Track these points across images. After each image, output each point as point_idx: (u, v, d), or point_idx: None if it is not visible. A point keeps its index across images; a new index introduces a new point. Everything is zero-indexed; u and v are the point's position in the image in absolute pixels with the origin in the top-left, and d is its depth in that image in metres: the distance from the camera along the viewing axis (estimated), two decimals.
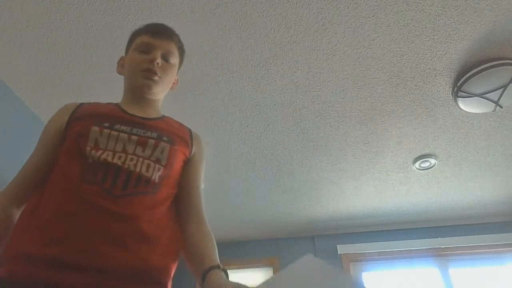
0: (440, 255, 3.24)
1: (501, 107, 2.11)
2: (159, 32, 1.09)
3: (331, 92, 2.17)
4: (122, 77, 2.12)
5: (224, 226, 3.55)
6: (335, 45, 1.91)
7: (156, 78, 1.05)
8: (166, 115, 1.17)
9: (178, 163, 1.00)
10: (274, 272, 3.51)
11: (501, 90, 2.00)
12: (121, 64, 1.16)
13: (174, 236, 0.95)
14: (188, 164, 1.06)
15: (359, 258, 3.39)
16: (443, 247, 3.23)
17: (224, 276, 0.83)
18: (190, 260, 0.93)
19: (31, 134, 2.30)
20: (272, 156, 2.67)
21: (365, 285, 0.65)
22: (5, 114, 2.12)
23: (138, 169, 0.90)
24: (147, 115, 1.06)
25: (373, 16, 1.77)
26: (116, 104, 1.08)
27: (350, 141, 2.53)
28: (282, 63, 2.01)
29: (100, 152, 0.89)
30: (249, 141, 2.54)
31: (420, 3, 1.71)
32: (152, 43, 1.07)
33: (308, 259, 0.70)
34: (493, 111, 2.16)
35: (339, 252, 3.38)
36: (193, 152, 1.08)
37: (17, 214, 0.93)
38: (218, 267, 0.85)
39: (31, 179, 0.96)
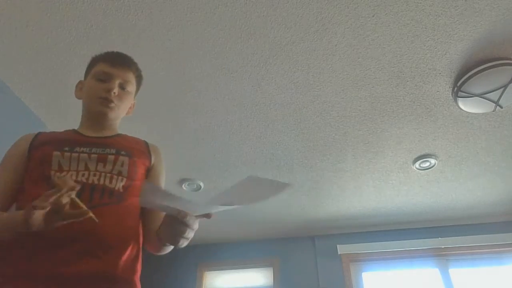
0: (440, 255, 3.24)
1: (501, 107, 2.11)
2: (117, 62, 1.15)
3: (331, 92, 2.17)
4: None
5: (224, 226, 3.54)
6: (335, 45, 1.91)
7: (112, 105, 1.11)
8: (122, 132, 1.23)
9: (140, 173, 1.08)
10: (274, 272, 3.51)
11: (501, 90, 2.00)
12: (79, 88, 1.21)
13: (138, 240, 1.02)
14: (150, 173, 1.14)
15: (359, 258, 3.39)
16: (443, 247, 3.23)
17: None
18: (163, 240, 0.98)
19: None
20: (272, 156, 2.67)
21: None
22: (5, 114, 2.12)
23: (102, 182, 0.97)
24: (104, 135, 1.14)
25: (373, 16, 1.77)
26: (73, 130, 1.15)
27: (350, 141, 2.53)
28: (282, 63, 2.01)
29: (64, 173, 0.96)
30: (249, 141, 2.54)
31: (420, 3, 1.71)
32: (110, 73, 1.13)
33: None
34: (493, 111, 2.16)
35: (339, 252, 3.37)
36: (152, 162, 1.16)
37: None
38: None
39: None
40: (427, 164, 2.68)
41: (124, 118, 1.25)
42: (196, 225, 0.88)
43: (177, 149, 2.59)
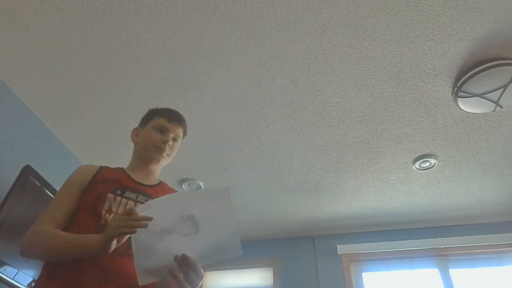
0: (440, 255, 3.24)
1: (501, 107, 2.11)
2: (174, 119, 1.40)
3: (331, 92, 2.17)
4: (122, 77, 2.13)
5: None
6: (335, 45, 1.91)
7: (164, 155, 1.35)
8: (163, 181, 1.41)
9: None
10: (274, 272, 3.50)
11: (501, 90, 2.00)
12: (135, 134, 1.43)
13: None
14: None
15: (359, 258, 3.39)
16: (443, 247, 3.23)
17: None
18: None
19: (31, 134, 2.30)
20: (272, 156, 2.67)
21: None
22: (5, 114, 2.12)
23: None
24: (149, 182, 1.32)
25: (373, 16, 1.77)
26: (123, 170, 1.34)
27: (350, 141, 2.53)
28: (282, 63, 2.01)
29: (112, 215, 1.13)
30: (249, 141, 2.54)
31: (420, 3, 1.71)
32: (167, 127, 1.37)
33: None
34: (493, 111, 2.16)
35: (339, 252, 3.37)
36: None
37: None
38: None
39: (60, 225, 1.15)
40: (427, 164, 2.68)
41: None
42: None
43: (177, 149, 2.59)
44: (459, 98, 2.11)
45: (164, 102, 2.23)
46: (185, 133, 1.47)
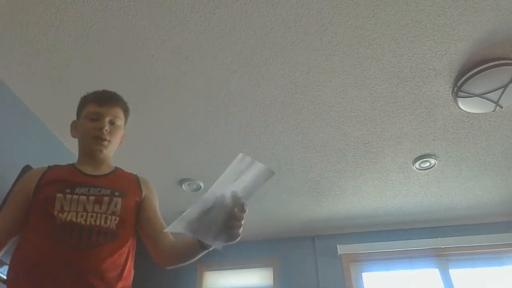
0: (440, 255, 3.24)
1: (501, 107, 2.11)
2: (105, 101, 1.29)
3: (331, 92, 2.17)
4: (121, 77, 2.13)
5: None
6: (335, 45, 1.91)
7: (105, 143, 1.26)
8: (117, 166, 1.35)
9: (130, 209, 1.22)
10: (274, 272, 3.50)
11: (501, 90, 2.00)
12: (73, 127, 1.35)
13: (130, 271, 1.18)
14: (143, 204, 1.28)
15: (359, 258, 3.38)
16: (443, 247, 3.22)
17: None
18: (180, 252, 1.17)
19: (31, 134, 2.30)
20: (272, 156, 2.67)
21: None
22: (5, 114, 2.12)
23: (98, 223, 1.11)
24: (101, 172, 1.27)
25: (373, 16, 1.77)
26: (73, 165, 1.29)
27: (350, 141, 2.53)
28: (282, 63, 2.01)
29: (65, 214, 1.10)
30: (249, 141, 2.54)
31: (420, 3, 1.71)
32: (100, 112, 1.27)
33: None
34: (493, 111, 2.16)
35: (339, 252, 3.37)
36: (143, 194, 1.30)
37: None
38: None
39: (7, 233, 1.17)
40: (427, 164, 2.68)
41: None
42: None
43: (177, 149, 2.59)
44: (459, 98, 2.11)
45: (164, 101, 2.24)
46: (126, 111, 1.37)
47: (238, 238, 0.96)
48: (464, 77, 2.01)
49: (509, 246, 3.10)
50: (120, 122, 1.32)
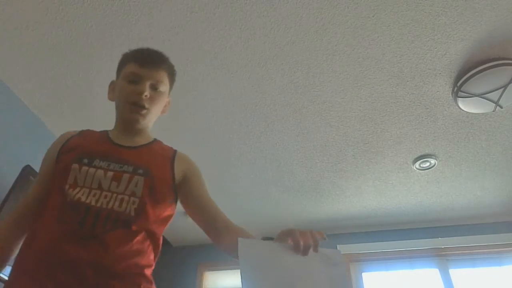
0: (440, 255, 3.24)
1: (501, 107, 2.11)
2: (147, 62, 1.10)
3: (331, 92, 2.17)
4: None
5: None
6: (335, 45, 1.91)
7: (144, 112, 1.08)
8: (157, 138, 1.19)
9: (156, 191, 1.01)
10: None
11: (501, 90, 2.00)
12: (112, 89, 1.18)
13: (147, 267, 0.97)
14: (184, 184, 1.10)
15: (359, 258, 3.38)
16: (443, 247, 3.23)
17: None
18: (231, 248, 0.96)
19: (31, 134, 2.30)
20: (272, 156, 2.67)
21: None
22: (5, 114, 2.12)
23: (110, 206, 0.92)
24: (133, 143, 1.09)
25: (373, 16, 1.77)
26: (106, 132, 1.13)
27: (350, 141, 2.53)
28: (282, 63, 2.01)
29: (77, 190, 0.93)
30: (249, 141, 2.54)
31: (420, 3, 1.71)
32: (140, 74, 1.08)
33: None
34: (493, 111, 2.16)
35: None
36: (180, 172, 1.11)
37: (18, 242, 0.99)
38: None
39: (30, 209, 1.02)
40: (427, 164, 2.68)
41: None
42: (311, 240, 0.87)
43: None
44: (459, 98, 2.11)
45: None
46: (172, 75, 1.18)
47: None
48: (464, 77, 2.01)
49: (509, 246, 3.10)
50: (163, 87, 1.13)
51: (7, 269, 0.97)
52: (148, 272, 0.96)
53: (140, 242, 0.94)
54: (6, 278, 1.82)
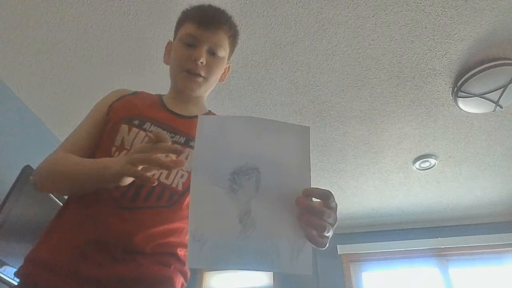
0: (440, 255, 3.24)
1: (501, 107, 2.11)
2: (205, 22, 0.97)
3: (331, 92, 2.17)
4: (122, 77, 2.12)
5: None
6: (335, 45, 1.91)
7: (199, 80, 0.98)
8: (212, 110, 1.10)
9: None
10: (274, 272, 3.50)
11: (501, 90, 2.00)
12: (168, 51, 1.06)
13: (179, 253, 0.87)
14: None
15: (359, 258, 3.38)
16: (443, 247, 3.23)
17: None
18: None
19: (31, 134, 2.30)
20: None
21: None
22: (5, 114, 2.12)
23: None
24: (187, 113, 1.00)
25: (373, 16, 1.77)
26: (160, 97, 1.03)
27: (350, 141, 2.53)
28: (282, 63, 2.01)
29: (124, 153, 0.85)
30: None
31: (420, 3, 1.71)
32: (197, 36, 0.96)
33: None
34: (493, 111, 2.16)
35: (339, 252, 3.37)
36: None
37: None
38: None
39: (78, 147, 0.92)
40: (427, 164, 2.68)
41: None
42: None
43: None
44: (459, 98, 2.11)
45: None
46: (233, 38, 1.05)
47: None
48: (464, 77, 2.01)
49: (509, 246, 3.10)
50: (223, 52, 1.01)
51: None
52: (182, 252, 0.86)
53: (181, 219, 0.84)
54: (6, 277, 1.82)
